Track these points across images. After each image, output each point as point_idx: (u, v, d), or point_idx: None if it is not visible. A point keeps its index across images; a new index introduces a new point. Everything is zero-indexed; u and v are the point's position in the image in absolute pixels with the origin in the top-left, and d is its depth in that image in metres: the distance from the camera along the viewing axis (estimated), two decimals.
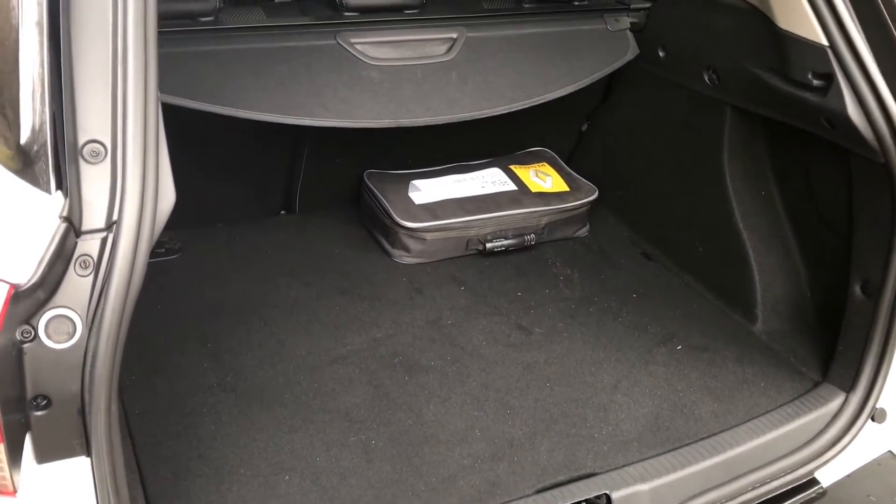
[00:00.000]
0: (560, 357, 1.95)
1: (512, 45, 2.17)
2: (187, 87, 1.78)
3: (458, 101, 2.06)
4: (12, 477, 1.00)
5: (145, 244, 1.07)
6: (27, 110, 1.01)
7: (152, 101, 1.07)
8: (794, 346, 1.96)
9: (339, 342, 1.93)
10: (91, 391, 1.05)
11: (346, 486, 1.55)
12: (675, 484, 1.59)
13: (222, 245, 2.25)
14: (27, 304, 0.99)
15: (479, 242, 2.28)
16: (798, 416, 1.77)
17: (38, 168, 1.01)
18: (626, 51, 2.31)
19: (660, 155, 2.38)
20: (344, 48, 1.98)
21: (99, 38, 1.04)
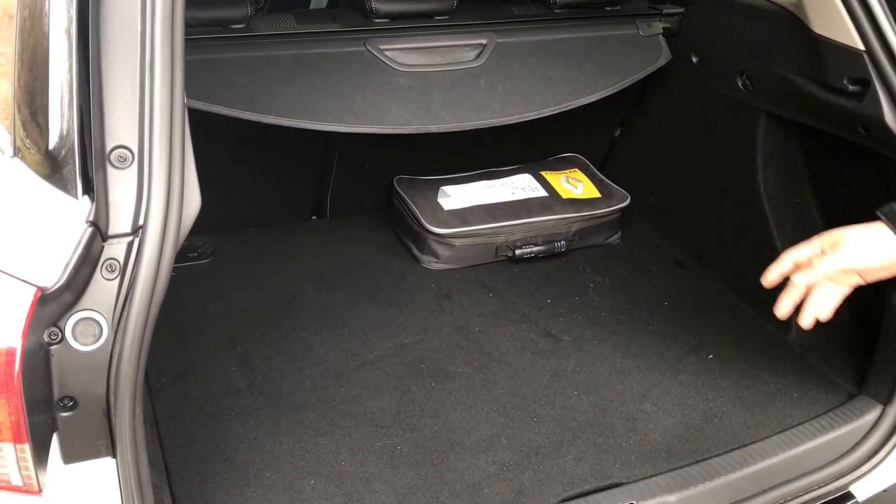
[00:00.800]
0: (588, 365, 1.93)
1: (542, 51, 2.16)
2: (219, 94, 1.81)
3: (487, 107, 2.05)
4: (38, 476, 1.02)
5: (170, 248, 1.08)
6: (55, 116, 1.03)
7: (178, 108, 1.08)
8: (829, 357, 1.92)
9: (366, 347, 1.93)
10: (116, 393, 1.06)
11: (371, 492, 1.55)
12: (703, 495, 1.57)
13: (253, 250, 2.27)
14: (54, 307, 1.00)
15: (509, 249, 2.27)
16: (832, 428, 1.73)
17: (65, 173, 1.03)
18: (659, 56, 2.29)
19: (693, 161, 2.36)
20: (373, 55, 1.99)
21: (127, 45, 1.05)
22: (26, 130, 1.06)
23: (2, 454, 0.98)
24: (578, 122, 2.32)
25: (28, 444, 0.99)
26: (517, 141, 2.42)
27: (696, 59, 2.22)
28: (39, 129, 1.05)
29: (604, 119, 2.55)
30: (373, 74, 1.99)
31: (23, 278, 0.96)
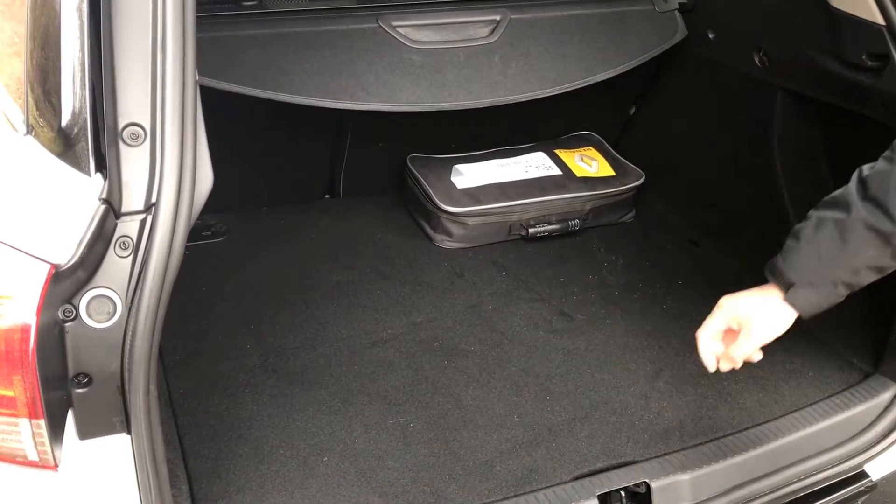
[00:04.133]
0: (602, 344, 1.93)
1: (556, 27, 2.14)
2: (231, 71, 1.80)
3: (501, 85, 2.04)
4: (53, 452, 1.03)
5: (183, 226, 1.08)
6: (67, 94, 1.03)
7: (190, 86, 1.08)
8: (844, 336, 1.90)
9: (379, 325, 1.94)
10: (131, 370, 1.07)
11: (384, 469, 1.55)
12: (716, 474, 1.56)
13: (267, 228, 2.27)
14: (68, 284, 1.01)
15: (522, 227, 2.27)
16: (847, 407, 1.72)
17: (78, 150, 1.03)
18: (675, 32, 2.26)
19: (709, 139, 2.34)
20: (386, 31, 1.98)
21: (139, 23, 1.05)
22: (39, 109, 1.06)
23: (18, 430, 0.99)
24: (593, 99, 2.30)
25: (44, 419, 1.00)
26: (531, 118, 2.41)
27: (713, 36, 2.19)
28: (52, 107, 1.05)
29: (618, 96, 2.53)
30: (385, 51, 1.98)
31: (37, 255, 0.96)
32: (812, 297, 1.41)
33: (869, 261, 1.38)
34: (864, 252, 1.37)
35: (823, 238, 1.39)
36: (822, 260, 1.39)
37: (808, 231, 1.42)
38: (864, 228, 1.36)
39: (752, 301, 1.45)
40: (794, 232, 1.45)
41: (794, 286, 1.40)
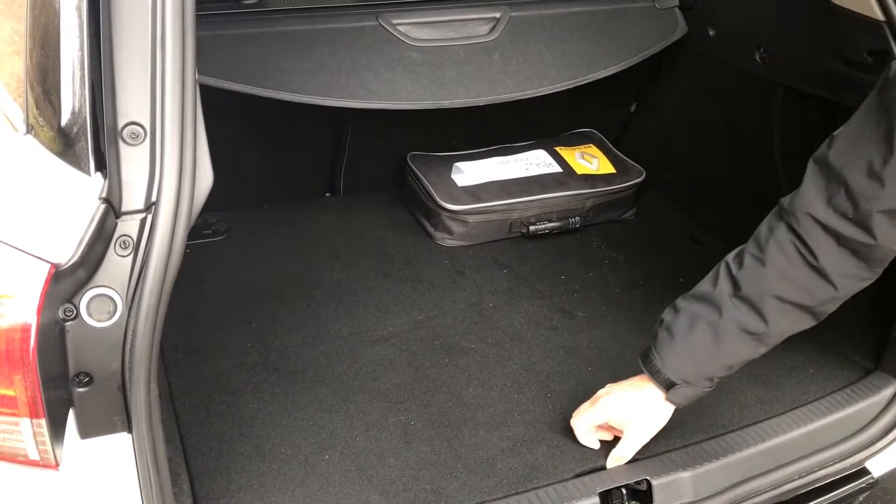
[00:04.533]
0: (603, 341, 1.93)
1: (556, 25, 2.14)
2: (231, 70, 1.80)
3: (501, 82, 2.04)
4: (54, 451, 1.03)
5: (183, 225, 1.07)
6: (67, 93, 1.03)
7: (190, 84, 1.08)
8: (845, 333, 1.90)
9: (380, 324, 1.94)
10: (131, 369, 1.07)
11: (385, 467, 1.55)
12: (717, 472, 1.56)
13: (268, 227, 2.27)
14: (69, 284, 1.01)
15: (523, 225, 2.27)
16: (848, 404, 1.72)
17: (78, 150, 1.03)
18: (675, 29, 2.26)
19: (709, 136, 2.33)
20: (386, 29, 1.98)
21: (138, 21, 1.04)
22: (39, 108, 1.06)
23: (19, 429, 1.00)
24: (593, 96, 2.30)
25: (44, 419, 1.00)
26: (531, 116, 2.40)
27: (713, 33, 2.19)
28: (52, 106, 1.05)
29: (619, 93, 2.52)
30: (385, 49, 1.98)
31: (37, 255, 0.96)
32: (690, 393, 1.48)
33: (744, 358, 1.45)
34: (739, 352, 1.43)
35: (698, 339, 1.43)
36: (700, 360, 1.44)
37: (681, 329, 1.45)
38: (738, 330, 1.40)
39: (632, 405, 1.51)
40: (666, 325, 1.49)
41: (675, 385, 1.46)
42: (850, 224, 1.31)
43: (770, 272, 1.38)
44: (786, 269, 1.37)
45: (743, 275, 1.40)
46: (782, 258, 1.37)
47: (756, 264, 1.39)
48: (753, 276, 1.39)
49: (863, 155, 1.28)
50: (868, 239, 1.30)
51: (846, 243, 1.33)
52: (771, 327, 1.40)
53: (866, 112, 1.31)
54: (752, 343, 1.42)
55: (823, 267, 1.34)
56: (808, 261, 1.36)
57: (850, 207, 1.30)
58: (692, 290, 1.50)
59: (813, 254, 1.35)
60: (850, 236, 1.32)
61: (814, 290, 1.37)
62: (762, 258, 1.39)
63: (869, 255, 1.34)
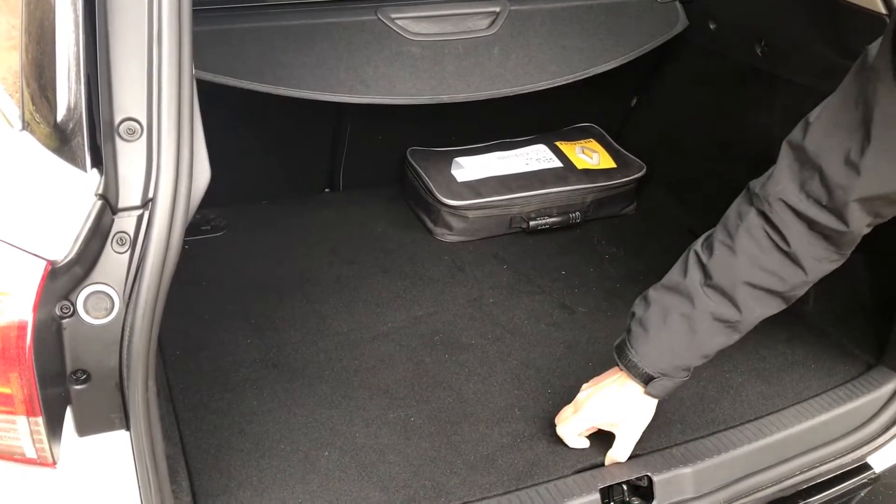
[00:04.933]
0: (603, 337, 1.92)
1: (556, 18, 2.13)
2: (229, 65, 1.79)
3: (501, 77, 2.03)
4: (52, 449, 1.02)
5: (180, 221, 1.07)
6: (63, 89, 1.02)
7: (187, 80, 1.07)
8: (847, 328, 1.90)
9: (380, 319, 1.93)
10: (129, 366, 1.06)
11: (385, 463, 1.55)
12: (719, 467, 1.56)
13: (267, 222, 2.27)
14: (65, 281, 1.00)
15: (523, 220, 2.26)
16: (850, 399, 1.71)
17: (74, 146, 1.02)
18: (676, 23, 2.25)
19: (710, 130, 2.32)
20: (384, 23, 1.96)
21: (134, 16, 1.04)
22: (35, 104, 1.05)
23: (16, 427, 0.99)
24: (594, 91, 2.29)
25: (41, 417, 0.99)
26: (531, 111, 2.39)
27: (714, 26, 2.18)
28: (48, 102, 1.04)
29: (619, 88, 2.51)
30: (384, 44, 1.97)
31: (33, 252, 0.96)
32: (669, 385, 1.48)
33: (718, 345, 1.45)
34: (714, 340, 1.43)
35: (672, 331, 1.42)
36: (675, 352, 1.44)
37: (654, 321, 1.44)
38: (712, 320, 1.40)
39: (615, 407, 1.51)
40: (638, 318, 1.47)
41: (653, 378, 1.46)
42: (823, 211, 1.30)
43: (741, 260, 1.37)
44: (757, 255, 1.36)
45: (713, 263, 1.39)
46: (753, 245, 1.36)
47: (726, 252, 1.38)
48: (724, 264, 1.38)
49: (839, 142, 1.26)
50: (840, 226, 1.30)
51: (817, 228, 1.32)
52: (744, 314, 1.39)
53: (842, 97, 1.28)
54: (726, 331, 1.42)
55: (795, 252, 1.34)
56: (779, 246, 1.35)
57: (825, 195, 1.29)
58: (663, 279, 1.48)
59: (785, 239, 1.34)
60: (822, 222, 1.31)
61: (785, 275, 1.37)
62: (732, 246, 1.38)
63: (839, 240, 1.34)
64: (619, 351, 1.50)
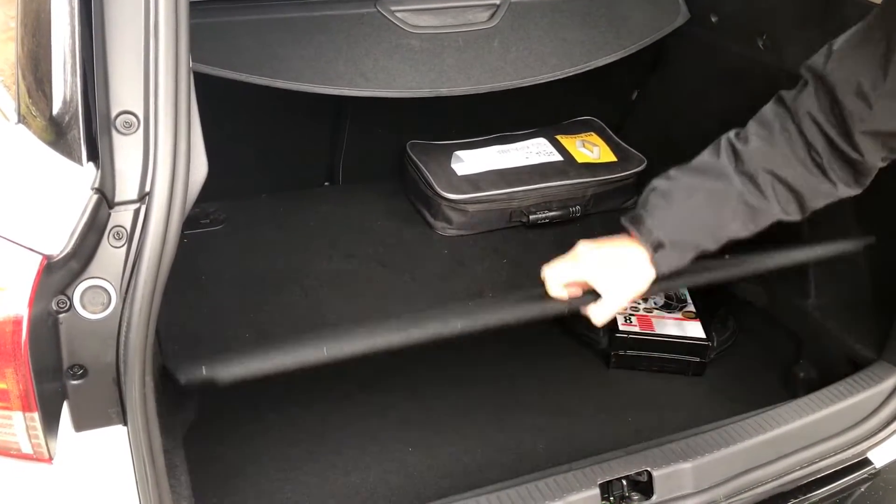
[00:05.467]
0: None
1: (557, 11, 2.12)
2: (226, 58, 1.78)
3: (501, 70, 2.02)
4: (48, 445, 1.02)
5: (177, 215, 1.06)
6: (59, 81, 1.01)
7: (184, 73, 1.06)
8: (847, 323, 1.89)
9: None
10: (126, 361, 1.05)
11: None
12: (719, 462, 1.56)
13: (266, 216, 2.26)
14: (61, 275, 0.99)
15: (523, 214, 2.25)
16: (850, 394, 1.71)
17: (70, 139, 1.01)
18: (677, 16, 2.24)
19: (711, 123, 2.29)
20: (384, 16, 1.95)
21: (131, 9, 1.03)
22: (31, 97, 1.05)
23: (11, 423, 0.98)
24: (594, 84, 2.28)
25: (37, 412, 0.98)
26: (532, 104, 2.38)
27: (716, 19, 2.17)
28: (44, 95, 1.04)
29: (620, 81, 2.50)
30: (384, 36, 1.95)
31: (28, 246, 0.95)
32: (675, 259, 1.41)
33: (732, 232, 1.40)
34: (732, 224, 1.39)
35: (697, 205, 1.40)
36: (693, 227, 1.40)
37: (679, 194, 1.41)
38: (739, 202, 1.38)
39: (613, 266, 1.42)
40: (661, 191, 1.43)
41: (663, 247, 1.39)
42: (839, 136, 1.32)
43: (777, 153, 1.37)
44: (790, 154, 1.36)
45: (748, 151, 1.39)
46: (789, 144, 1.36)
47: (763, 143, 1.38)
48: (759, 152, 1.38)
49: (856, 74, 1.28)
50: (855, 154, 1.32)
51: (839, 152, 1.33)
52: (768, 203, 1.38)
53: (866, 30, 1.30)
54: (745, 217, 1.40)
55: (824, 164, 1.35)
56: (811, 155, 1.36)
57: (838, 121, 1.31)
58: (688, 163, 1.47)
59: (816, 150, 1.35)
60: (840, 146, 1.32)
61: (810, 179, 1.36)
62: (770, 139, 1.38)
63: (857, 168, 1.35)
64: (634, 219, 1.43)
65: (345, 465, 1.51)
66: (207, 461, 1.50)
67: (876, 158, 1.33)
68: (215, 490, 1.45)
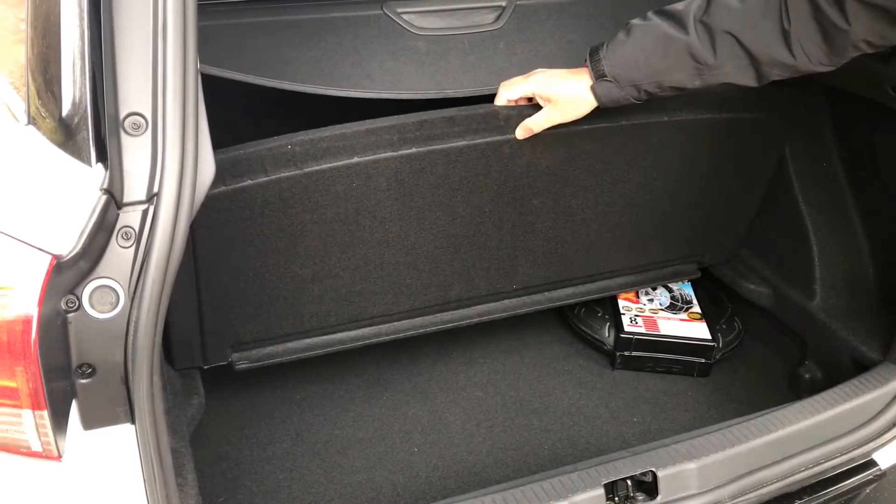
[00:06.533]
0: None
1: (563, 13, 2.12)
2: (234, 59, 1.79)
3: (507, 71, 2.01)
4: (57, 442, 1.03)
5: (185, 216, 1.07)
6: (68, 83, 1.03)
7: (192, 74, 1.07)
8: (852, 324, 1.89)
9: None
10: (134, 360, 1.06)
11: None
12: (724, 462, 1.56)
13: None
14: (70, 275, 1.00)
15: None
16: (856, 395, 1.71)
17: (79, 140, 1.02)
18: None
19: None
20: (390, 18, 1.96)
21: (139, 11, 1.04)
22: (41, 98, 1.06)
23: (21, 421, 0.99)
24: None
25: (47, 410, 0.99)
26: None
27: None
28: (54, 97, 1.05)
29: None
30: (390, 38, 1.96)
31: (38, 246, 0.96)
32: (614, 92, 1.50)
33: (675, 81, 1.45)
34: (676, 72, 1.43)
35: (647, 45, 1.45)
36: (637, 65, 1.47)
37: (637, 32, 1.49)
38: (686, 53, 1.41)
39: (561, 83, 1.57)
40: (628, 27, 1.52)
41: (605, 77, 1.49)
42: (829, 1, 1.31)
43: (743, 10, 1.38)
44: (758, 17, 1.37)
45: (717, 3, 1.41)
46: (761, 5, 1.37)
47: (738, 3, 1.39)
48: (727, 6, 1.39)
49: None
50: (841, 21, 1.31)
51: (820, 18, 1.33)
52: (717, 62, 1.40)
53: None
54: (692, 71, 1.43)
55: (791, 32, 1.35)
56: (781, 22, 1.36)
57: None
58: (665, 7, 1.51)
59: (788, 17, 1.35)
60: (825, 10, 1.31)
61: (772, 50, 1.38)
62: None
63: (833, 40, 1.34)
64: (592, 48, 1.56)
65: (350, 465, 1.52)
66: (214, 460, 1.51)
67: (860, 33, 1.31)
68: (222, 489, 1.46)
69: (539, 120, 1.58)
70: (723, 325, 2.04)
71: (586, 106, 1.53)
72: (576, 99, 1.53)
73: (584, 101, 1.53)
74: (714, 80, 1.43)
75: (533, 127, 1.58)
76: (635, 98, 1.49)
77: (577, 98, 1.53)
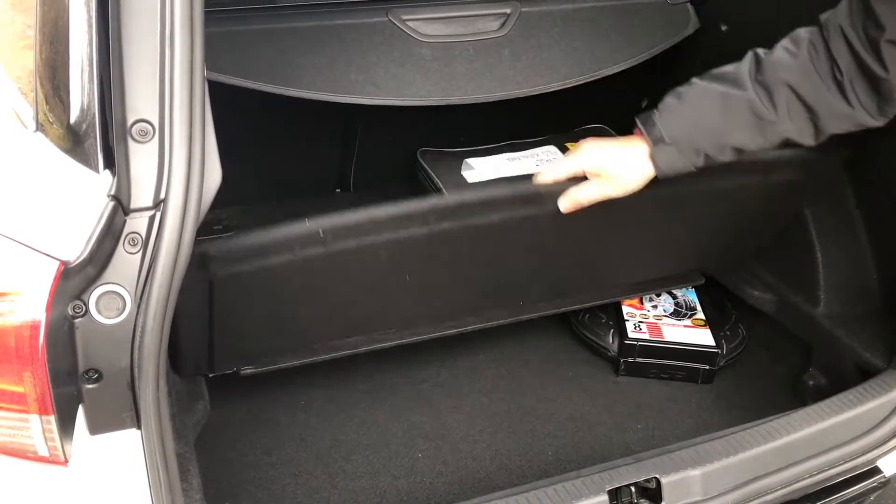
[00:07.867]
0: None
1: (567, 20, 2.13)
2: (240, 67, 1.80)
3: (511, 78, 2.03)
4: (63, 447, 1.03)
5: (192, 222, 1.08)
6: (76, 90, 1.03)
7: (199, 81, 1.08)
8: (857, 331, 1.89)
9: None
10: (140, 365, 1.07)
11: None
12: (728, 469, 1.56)
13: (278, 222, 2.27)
14: (78, 281, 1.01)
15: None
16: (860, 402, 1.71)
17: (87, 147, 1.03)
18: (687, 24, 2.24)
19: None
20: (396, 25, 1.97)
21: (147, 18, 1.05)
22: (49, 104, 1.06)
23: (28, 425, 1.00)
24: (604, 92, 2.28)
25: (54, 415, 1.00)
26: (542, 112, 2.39)
27: (726, 28, 2.18)
28: (62, 103, 1.05)
29: (630, 89, 2.50)
30: (395, 45, 1.97)
31: (46, 252, 0.97)
32: (675, 160, 1.40)
33: (737, 142, 1.40)
34: (738, 133, 1.39)
35: (705, 106, 1.40)
36: (699, 128, 1.40)
37: (691, 95, 1.43)
38: (748, 109, 1.38)
39: (615, 155, 1.44)
40: (677, 92, 1.45)
41: (663, 142, 1.40)
42: (865, 48, 1.31)
43: (797, 65, 1.37)
44: (812, 69, 1.36)
45: (770, 60, 1.39)
46: (812, 59, 1.36)
47: (787, 55, 1.38)
48: (780, 63, 1.38)
49: None
50: (880, 70, 1.30)
51: (863, 68, 1.32)
52: (778, 117, 1.38)
53: None
54: (753, 129, 1.39)
55: (843, 81, 1.34)
56: (833, 72, 1.35)
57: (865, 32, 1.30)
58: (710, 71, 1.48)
59: (838, 67, 1.34)
60: (865, 61, 1.31)
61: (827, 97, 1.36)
62: (795, 52, 1.38)
63: (879, 88, 1.33)
64: (644, 116, 1.46)
65: (354, 470, 1.52)
66: (219, 465, 1.52)
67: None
68: (226, 493, 1.47)
69: (591, 194, 1.45)
70: (727, 332, 2.04)
71: (643, 179, 1.42)
72: (632, 171, 1.42)
73: (640, 172, 1.42)
74: (775, 136, 1.39)
75: (581, 200, 1.45)
76: (693, 164, 1.41)
77: (633, 170, 1.42)
